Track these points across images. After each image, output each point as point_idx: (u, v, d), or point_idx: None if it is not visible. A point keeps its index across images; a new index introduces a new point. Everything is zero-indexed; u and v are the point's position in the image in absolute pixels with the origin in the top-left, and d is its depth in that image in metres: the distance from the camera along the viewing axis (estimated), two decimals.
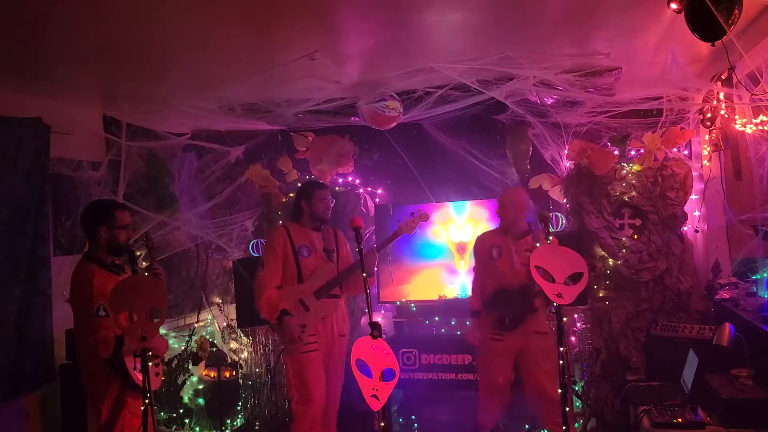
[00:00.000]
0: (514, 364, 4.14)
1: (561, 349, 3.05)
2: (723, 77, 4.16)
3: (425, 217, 4.11)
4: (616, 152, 4.80)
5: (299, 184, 4.41)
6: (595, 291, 4.69)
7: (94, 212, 3.45)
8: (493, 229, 4.38)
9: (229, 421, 5.22)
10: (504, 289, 4.07)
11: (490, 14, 3.28)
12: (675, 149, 4.78)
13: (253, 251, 5.35)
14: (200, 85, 4.26)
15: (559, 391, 3.13)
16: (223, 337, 5.50)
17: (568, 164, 4.97)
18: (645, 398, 3.69)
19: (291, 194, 5.22)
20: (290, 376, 3.97)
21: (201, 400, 5.24)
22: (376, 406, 2.96)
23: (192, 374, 5.21)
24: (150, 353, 3.08)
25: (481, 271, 4.35)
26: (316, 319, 3.93)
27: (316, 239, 4.06)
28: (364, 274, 3.35)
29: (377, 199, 5.85)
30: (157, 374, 3.51)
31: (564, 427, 3.10)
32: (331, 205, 4.15)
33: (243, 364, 5.36)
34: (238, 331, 5.41)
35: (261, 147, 5.68)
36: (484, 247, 4.28)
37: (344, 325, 4.11)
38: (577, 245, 4.27)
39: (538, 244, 3.88)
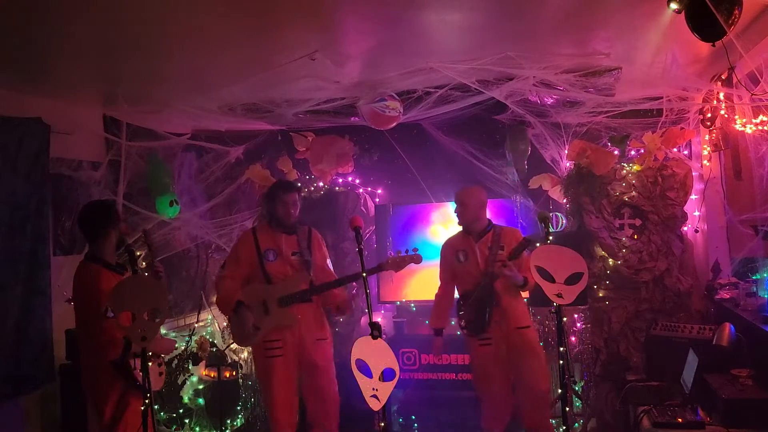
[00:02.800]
0: (508, 366, 4.03)
1: (561, 349, 3.05)
2: (723, 77, 4.16)
3: (418, 260, 3.90)
4: (616, 152, 4.80)
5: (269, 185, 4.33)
6: (595, 291, 4.69)
7: (103, 213, 3.44)
8: (458, 233, 4.26)
9: (229, 421, 5.22)
10: (467, 291, 4.03)
11: (490, 14, 3.28)
12: (675, 149, 4.78)
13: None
14: (200, 85, 4.27)
15: (559, 391, 3.13)
16: (223, 337, 5.50)
17: (568, 164, 4.97)
18: (645, 398, 3.69)
19: None
20: (258, 380, 3.94)
21: (201, 400, 5.24)
22: (376, 406, 2.96)
23: (192, 374, 5.21)
24: (151, 353, 3.08)
25: (447, 279, 4.25)
26: (271, 326, 3.84)
27: (284, 243, 3.96)
28: (365, 274, 3.35)
29: (377, 199, 5.86)
30: (161, 374, 3.51)
31: (564, 427, 3.10)
32: (294, 210, 3.98)
33: (243, 364, 5.35)
34: None
35: (261, 147, 5.69)
36: (449, 252, 4.18)
37: (322, 329, 4.00)
38: (577, 245, 4.27)
39: (502, 247, 3.94)
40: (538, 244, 3.75)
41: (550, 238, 3.36)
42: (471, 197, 4.09)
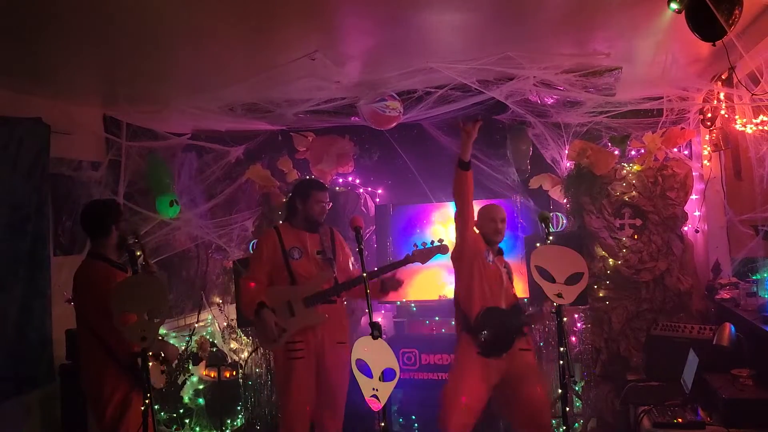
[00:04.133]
0: (492, 388, 3.71)
1: (561, 349, 3.05)
2: (723, 77, 4.16)
3: (445, 250, 3.78)
4: (616, 152, 4.81)
5: (297, 182, 4.29)
6: (595, 291, 4.69)
7: (107, 211, 3.46)
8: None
9: (229, 421, 5.23)
10: (495, 308, 3.70)
11: (491, 14, 3.28)
12: (675, 149, 4.79)
13: (253, 251, 5.35)
14: (200, 85, 4.26)
15: (560, 391, 3.13)
16: (223, 337, 5.50)
17: (568, 164, 4.96)
18: (645, 398, 3.69)
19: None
20: (276, 381, 3.87)
21: (201, 400, 5.24)
22: (376, 406, 2.96)
23: (192, 374, 5.21)
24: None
25: (471, 273, 3.74)
26: (297, 327, 3.75)
27: (309, 241, 3.90)
28: (365, 274, 3.34)
29: (377, 199, 5.86)
30: (162, 372, 3.52)
31: (564, 427, 3.10)
32: (328, 209, 3.99)
33: (243, 364, 5.36)
34: (238, 331, 5.41)
35: (261, 147, 5.69)
36: (478, 246, 3.77)
37: (342, 332, 3.91)
38: (577, 245, 4.27)
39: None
40: (537, 245, 3.75)
41: (550, 238, 3.35)
42: (502, 217, 3.86)
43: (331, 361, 3.84)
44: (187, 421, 5.10)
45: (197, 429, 5.16)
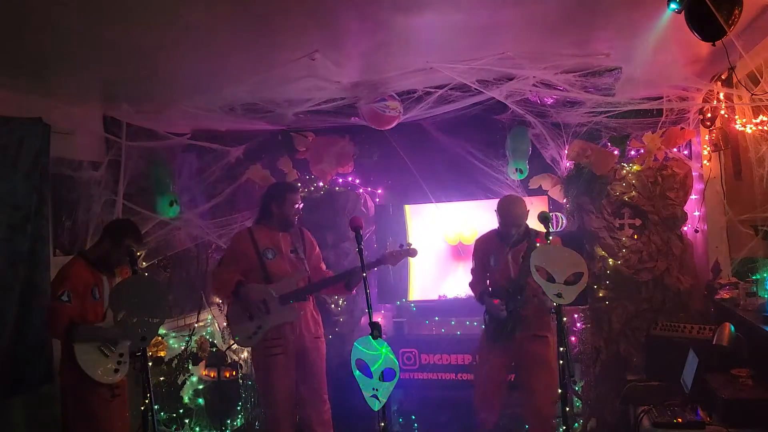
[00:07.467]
0: (511, 364, 4.11)
1: (561, 349, 3.05)
2: (723, 77, 4.16)
3: (413, 253, 4.07)
4: (616, 152, 4.81)
5: (270, 186, 4.38)
6: (595, 291, 4.69)
7: (114, 227, 3.73)
8: (490, 232, 4.27)
9: (229, 421, 5.22)
10: (501, 287, 4.01)
11: (490, 14, 3.28)
12: (675, 149, 4.79)
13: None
14: (200, 85, 4.26)
15: (559, 390, 3.13)
16: (223, 337, 5.50)
17: (568, 164, 4.97)
18: (645, 398, 3.69)
19: None
20: (257, 379, 3.99)
21: (201, 400, 5.24)
22: (376, 406, 2.97)
23: (192, 374, 5.21)
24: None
25: (480, 273, 4.28)
26: (273, 324, 3.90)
27: (282, 240, 4.05)
28: (365, 274, 3.35)
29: (377, 199, 5.85)
30: (116, 371, 3.52)
31: (564, 427, 3.10)
32: (299, 208, 4.17)
33: (243, 364, 5.36)
34: None
35: (261, 147, 5.69)
36: (482, 252, 4.23)
37: (318, 327, 4.10)
38: (577, 245, 4.27)
39: (537, 245, 3.85)
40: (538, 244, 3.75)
41: (550, 238, 3.36)
42: (518, 210, 4.08)
43: (312, 357, 4.01)
44: (186, 421, 5.10)
45: (197, 429, 5.16)
